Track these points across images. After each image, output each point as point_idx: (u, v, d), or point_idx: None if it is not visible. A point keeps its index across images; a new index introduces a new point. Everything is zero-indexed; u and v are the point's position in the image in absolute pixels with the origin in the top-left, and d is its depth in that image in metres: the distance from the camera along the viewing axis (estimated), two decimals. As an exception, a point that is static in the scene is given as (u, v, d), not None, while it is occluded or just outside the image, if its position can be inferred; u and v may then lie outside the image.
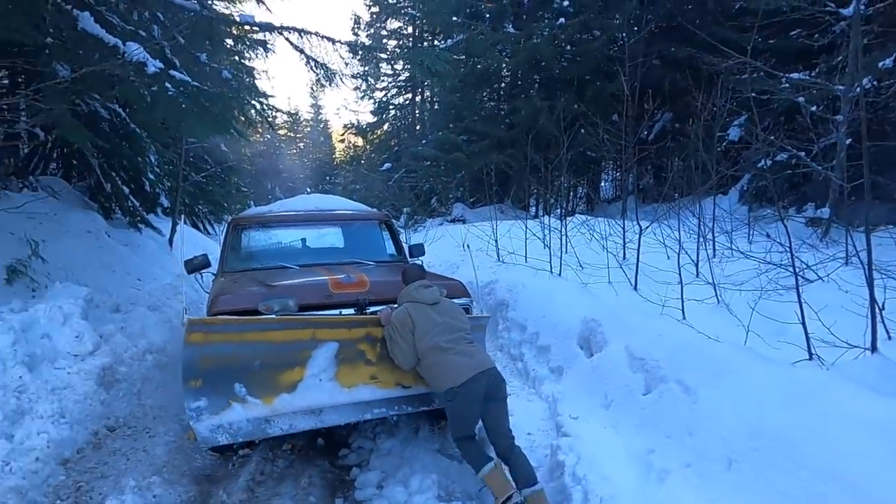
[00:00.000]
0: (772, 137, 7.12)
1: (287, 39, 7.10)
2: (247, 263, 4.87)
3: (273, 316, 3.44)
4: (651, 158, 13.29)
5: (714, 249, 6.51)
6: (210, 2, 12.40)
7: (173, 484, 3.56)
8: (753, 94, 7.66)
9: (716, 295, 5.02)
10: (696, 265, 5.92)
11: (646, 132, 14.59)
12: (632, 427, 3.50)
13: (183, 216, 14.11)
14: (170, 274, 9.48)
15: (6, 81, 8.55)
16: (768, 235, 5.82)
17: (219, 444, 3.13)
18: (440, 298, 3.60)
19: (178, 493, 3.48)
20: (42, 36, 5.61)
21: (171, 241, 11.30)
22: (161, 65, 5.83)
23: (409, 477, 3.55)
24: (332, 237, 5.82)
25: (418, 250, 5.78)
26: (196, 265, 4.73)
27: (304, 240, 5.65)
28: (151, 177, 10.99)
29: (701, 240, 6.13)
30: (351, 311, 3.77)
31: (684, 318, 4.50)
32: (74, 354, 4.84)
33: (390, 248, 5.53)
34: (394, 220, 6.05)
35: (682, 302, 4.65)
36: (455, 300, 3.89)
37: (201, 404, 3.13)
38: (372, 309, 3.75)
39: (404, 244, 5.84)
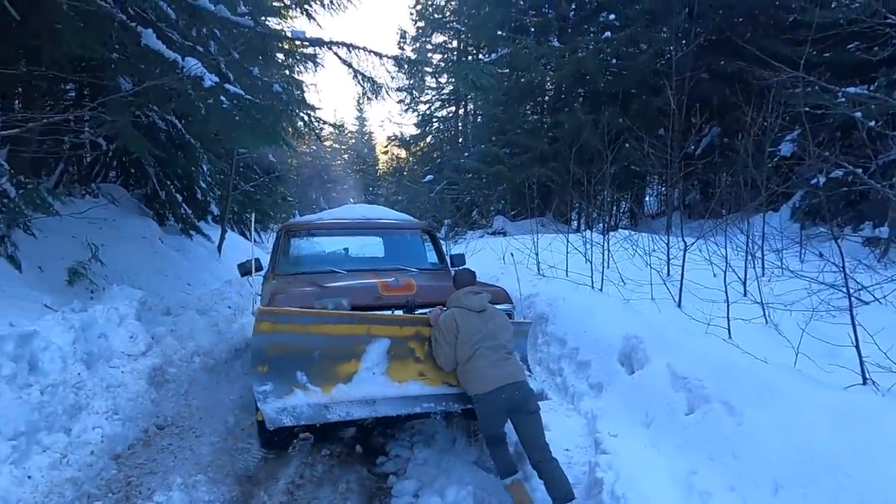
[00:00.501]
0: (826, 153, 6.89)
1: (336, 54, 7.30)
2: (297, 267, 5.10)
3: (331, 311, 3.65)
4: (698, 174, 13.00)
5: (763, 268, 6.31)
6: (264, 18, 12.89)
7: (217, 483, 3.68)
8: (807, 109, 7.42)
9: (764, 315, 4.86)
10: (744, 284, 5.75)
11: (692, 147, 14.32)
12: (673, 447, 3.43)
13: (232, 224, 14.60)
14: (218, 279, 9.83)
15: (73, 94, 9.06)
16: (821, 255, 5.61)
17: (284, 426, 3.25)
18: (487, 306, 3.66)
19: (221, 491, 3.59)
20: (108, 52, 5.95)
21: (219, 247, 11.70)
22: (217, 79, 6.08)
23: (445, 487, 3.56)
24: (377, 245, 6.04)
25: (459, 260, 6.01)
26: (248, 268, 5.16)
27: (350, 247, 5.94)
28: (203, 185, 11.43)
29: (749, 257, 5.95)
30: (400, 312, 3.95)
31: (730, 337, 4.38)
32: (128, 354, 5.06)
33: (432, 256, 5.72)
34: (436, 231, 6.17)
35: (728, 321, 4.53)
36: (498, 306, 3.96)
37: (267, 388, 3.34)
38: (420, 311, 3.92)
39: (446, 254, 6.03)
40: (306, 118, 11.96)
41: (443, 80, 24.78)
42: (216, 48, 7.45)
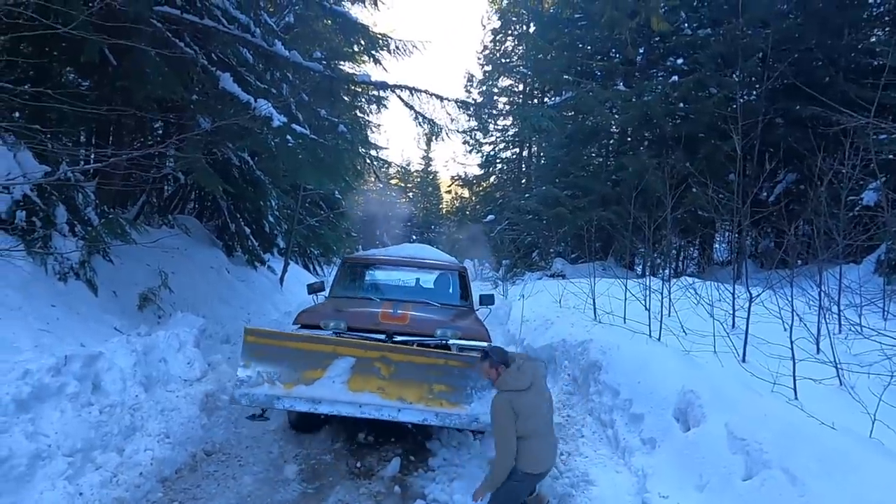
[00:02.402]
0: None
1: (399, 96, 7.58)
2: (345, 292, 6.19)
3: (305, 333, 4.73)
4: (772, 221, 12.39)
5: (840, 324, 5.86)
6: (338, 63, 13.59)
7: (254, 515, 3.70)
8: (892, 157, 6.97)
9: (838, 376, 4.49)
10: (817, 340, 5.35)
11: (766, 193, 13.69)
12: (728, 515, 3.17)
13: (296, 257, 15.10)
14: (278, 311, 10.12)
15: (161, 132, 9.78)
16: (905, 313, 5.16)
17: (240, 404, 4.34)
18: (533, 379, 3.49)
19: (257, 523, 3.61)
20: (189, 93, 6.41)
21: (281, 279, 12.09)
22: (285, 119, 6.42)
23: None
24: (412, 279, 7.00)
25: (488, 300, 6.60)
26: (315, 289, 6.23)
27: (390, 279, 6.93)
28: (271, 219, 11.93)
29: (824, 312, 5.54)
30: (402, 337, 4.79)
31: (796, 398, 4.06)
32: (184, 379, 5.25)
33: (459, 294, 6.43)
34: (467, 271, 6.98)
35: (794, 380, 4.20)
36: (474, 342, 4.76)
37: (244, 378, 4.34)
38: (399, 338, 4.75)
39: (475, 293, 6.71)
40: (369, 158, 12.35)
41: (507, 122, 25.13)
42: (287, 90, 7.89)
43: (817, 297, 5.53)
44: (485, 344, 4.77)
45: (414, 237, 41.82)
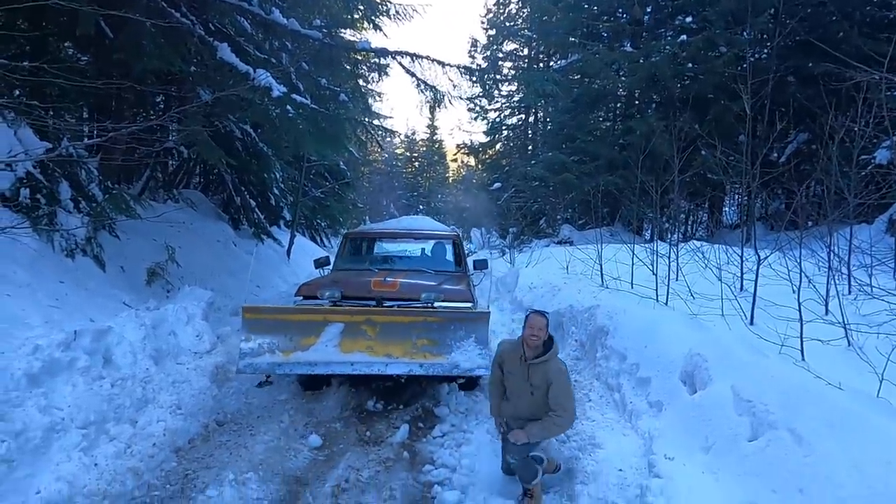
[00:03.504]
0: (927, 161, 6.26)
1: (400, 63, 7.44)
2: (346, 264, 6.58)
3: (296, 305, 5.17)
4: (782, 182, 12.20)
5: (850, 285, 5.80)
6: (338, 30, 13.33)
7: (266, 481, 3.77)
8: (905, 113, 6.80)
9: (846, 336, 4.46)
10: (826, 302, 5.30)
11: (776, 154, 13.45)
12: (733, 475, 3.18)
13: (303, 229, 15.11)
14: (286, 283, 10.17)
15: (161, 106, 9.69)
16: (917, 272, 5.09)
17: (244, 373, 4.78)
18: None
19: (269, 490, 3.68)
20: (187, 65, 6.32)
21: (288, 251, 12.11)
22: (285, 89, 6.32)
23: (488, 500, 3.49)
24: (409, 249, 7.61)
25: (481, 264, 7.00)
26: (321, 263, 6.64)
27: (388, 250, 7.42)
28: (276, 192, 11.90)
29: (833, 273, 5.48)
30: (394, 302, 5.16)
31: (803, 359, 4.04)
32: (194, 352, 5.32)
33: (453, 260, 6.89)
34: (461, 239, 7.38)
35: (802, 341, 4.18)
36: (456, 304, 5.18)
37: (247, 351, 4.70)
38: (388, 303, 5.10)
39: (470, 258, 7.27)
40: (371, 127, 12.21)
41: (512, 88, 24.71)
42: (287, 60, 7.76)
43: (827, 258, 5.46)
44: (468, 305, 5.27)
45: (421, 207, 41.71)
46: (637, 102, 16.97)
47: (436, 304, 5.13)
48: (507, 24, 26.86)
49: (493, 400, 3.95)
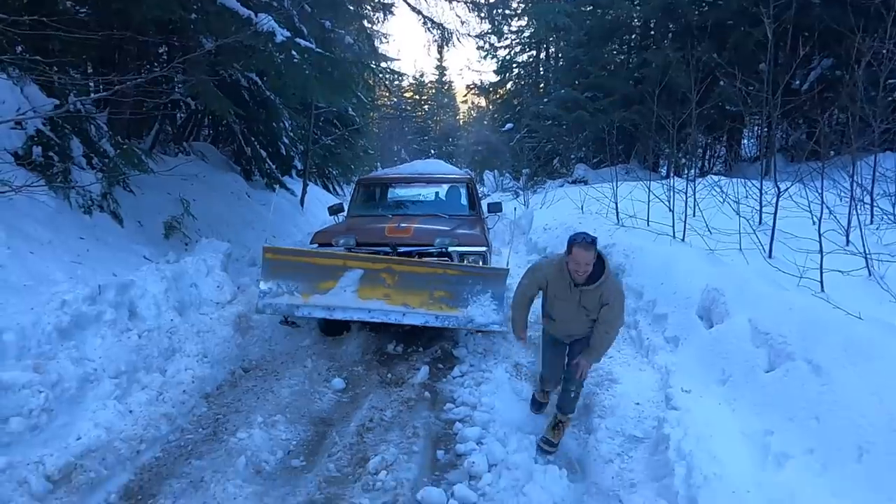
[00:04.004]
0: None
1: (405, 1, 7.16)
2: (360, 210, 6.62)
3: (318, 249, 5.19)
4: (804, 111, 11.78)
5: (871, 215, 5.68)
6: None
7: (294, 423, 3.90)
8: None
9: (867, 266, 4.40)
10: (847, 232, 5.21)
11: (798, 82, 12.93)
12: (749, 406, 3.23)
13: (315, 178, 15.06)
14: (301, 232, 10.23)
15: (165, 57, 9.51)
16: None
17: (264, 312, 4.94)
18: None
19: (297, 431, 3.82)
20: (187, 12, 6.15)
21: (302, 201, 12.12)
22: (288, 33, 6.15)
23: (508, 436, 3.60)
24: (423, 194, 7.59)
25: (496, 208, 7.00)
26: (335, 210, 6.61)
27: (402, 195, 7.39)
28: (286, 141, 11.80)
29: (856, 203, 5.36)
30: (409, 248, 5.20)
31: (822, 290, 4.02)
32: (216, 302, 5.42)
33: (467, 204, 6.80)
34: (475, 182, 7.38)
35: (821, 272, 4.14)
36: (470, 248, 5.25)
37: (266, 290, 4.89)
38: (402, 249, 5.14)
39: (484, 202, 7.39)
40: (379, 70, 11.91)
41: (522, 23, 23.80)
42: (289, 2, 7.51)
43: (849, 187, 5.33)
44: (482, 249, 5.29)
45: (432, 151, 41.20)
46: (652, 33, 16.29)
47: (450, 249, 5.15)
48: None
49: (517, 312, 3.73)
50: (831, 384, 2.86)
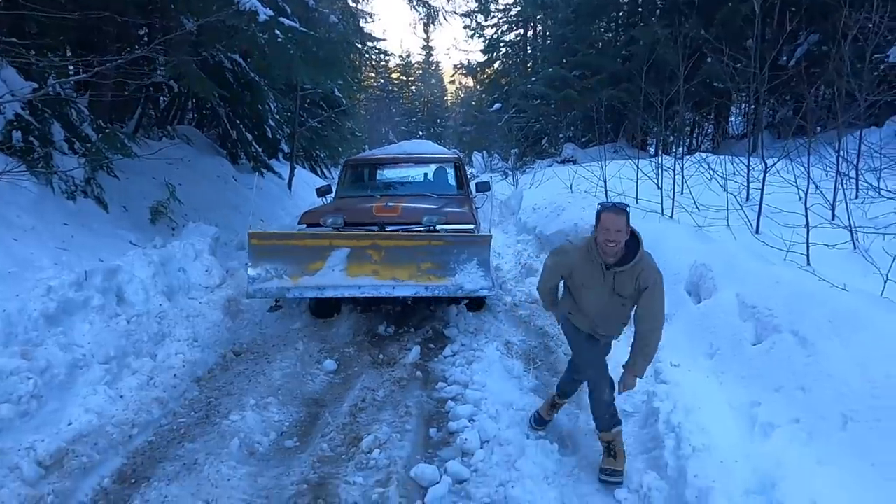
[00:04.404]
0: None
1: (389, -23, 7.03)
2: (348, 191, 6.55)
3: (302, 231, 5.23)
4: (791, 87, 11.79)
5: (857, 189, 5.74)
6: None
7: (286, 405, 3.91)
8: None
9: (852, 240, 4.46)
10: (832, 206, 5.26)
11: (785, 57, 12.94)
12: (737, 378, 3.28)
13: (302, 161, 14.92)
14: (289, 215, 10.15)
15: (146, 38, 9.32)
16: (926, 172, 5.01)
17: (255, 297, 4.91)
18: None
19: (289, 412, 3.83)
20: (167, -9, 6.02)
21: (289, 184, 12.02)
22: (271, 12, 6.05)
23: (500, 412, 3.63)
24: (411, 174, 7.54)
25: (484, 187, 7.15)
26: (323, 191, 6.65)
27: (390, 176, 7.38)
28: (272, 123, 11.65)
29: (842, 178, 5.40)
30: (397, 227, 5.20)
31: (808, 264, 4.07)
32: (205, 286, 5.39)
33: (455, 183, 6.84)
34: (463, 162, 7.39)
35: (808, 246, 4.19)
36: (457, 226, 5.21)
37: (254, 276, 4.84)
38: (391, 228, 5.15)
39: (472, 181, 7.46)
40: (365, 50, 11.75)
41: (509, 1, 23.55)
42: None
43: (835, 162, 5.37)
44: (471, 227, 5.30)
45: (420, 132, 40.94)
46: (640, 10, 16.20)
47: (438, 227, 5.15)
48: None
49: (543, 297, 3.33)
50: (816, 355, 2.91)
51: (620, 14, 17.17)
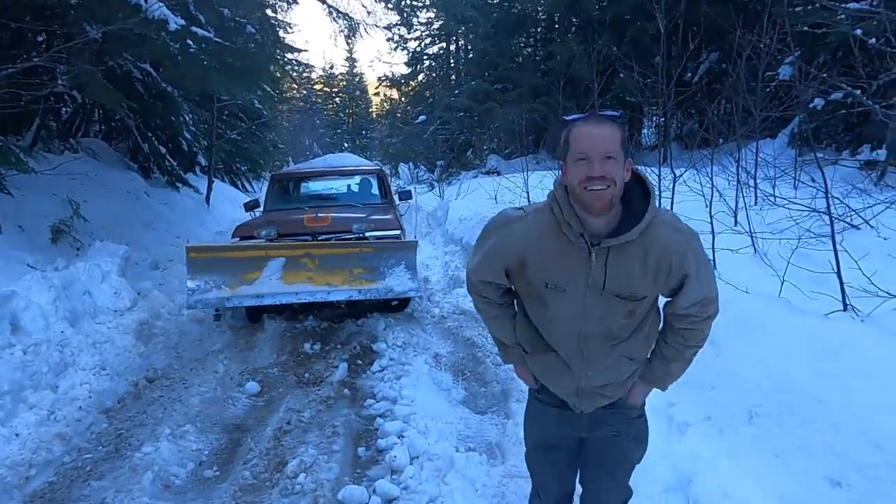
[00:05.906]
0: (824, 75, 6.59)
1: (308, -11, 6.94)
2: (276, 205, 6.70)
3: (240, 243, 5.36)
4: (696, 102, 12.61)
5: (756, 196, 6.18)
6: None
7: (205, 432, 3.71)
8: (806, 28, 7.08)
9: (752, 244, 4.79)
10: (735, 213, 5.65)
11: (690, 74, 13.83)
12: (653, 380, 3.43)
13: (221, 174, 14.37)
14: (208, 231, 9.74)
15: (44, 45, 8.69)
16: (813, 180, 5.47)
17: (195, 308, 5.05)
18: None
19: (209, 440, 3.63)
20: (66, -4, 5.65)
21: (207, 198, 11.54)
22: (183, 21, 5.81)
23: (429, 427, 3.60)
24: (336, 186, 7.89)
25: (406, 195, 7.44)
26: (251, 206, 6.87)
27: (316, 188, 7.67)
28: (188, 136, 11.16)
29: (742, 187, 5.82)
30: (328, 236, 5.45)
31: (714, 268, 4.32)
32: (114, 310, 5.06)
33: (379, 193, 7.13)
34: (385, 173, 7.73)
35: (714, 252, 4.46)
36: (385, 232, 5.52)
37: (194, 288, 4.94)
38: (322, 237, 5.40)
39: (395, 190, 7.77)
40: (285, 61, 11.52)
41: (431, 14, 23.86)
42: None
43: (735, 172, 5.77)
44: (397, 232, 5.63)
45: (345, 145, 40.52)
46: (557, 26, 16.86)
47: (367, 234, 5.42)
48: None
49: (496, 332, 1.94)
50: (724, 355, 3.09)
51: (539, 30, 17.78)
